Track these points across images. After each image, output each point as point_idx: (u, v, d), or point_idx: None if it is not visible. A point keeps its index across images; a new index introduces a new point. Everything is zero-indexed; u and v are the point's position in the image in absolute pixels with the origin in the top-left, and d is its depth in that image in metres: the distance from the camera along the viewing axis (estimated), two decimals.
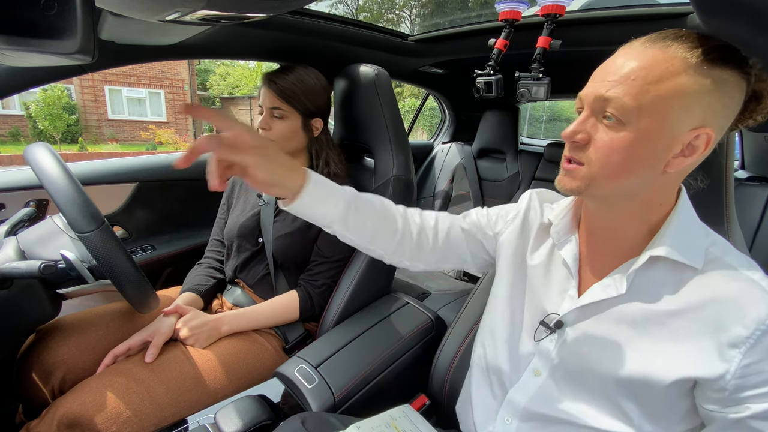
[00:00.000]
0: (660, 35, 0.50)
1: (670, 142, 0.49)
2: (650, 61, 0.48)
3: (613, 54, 0.52)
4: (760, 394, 0.47)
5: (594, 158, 0.51)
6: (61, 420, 0.74)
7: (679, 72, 0.47)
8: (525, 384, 0.64)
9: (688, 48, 0.48)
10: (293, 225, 1.07)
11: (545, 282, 0.66)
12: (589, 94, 0.52)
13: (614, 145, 0.49)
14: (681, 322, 0.51)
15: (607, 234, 0.59)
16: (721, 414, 0.49)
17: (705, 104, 0.48)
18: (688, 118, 0.48)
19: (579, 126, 0.52)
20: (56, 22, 0.39)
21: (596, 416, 0.56)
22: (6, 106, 11.52)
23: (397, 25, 18.15)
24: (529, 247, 0.69)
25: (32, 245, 0.80)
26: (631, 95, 0.48)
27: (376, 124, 1.14)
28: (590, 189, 0.53)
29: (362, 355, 0.92)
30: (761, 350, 0.47)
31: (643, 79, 0.47)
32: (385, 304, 1.10)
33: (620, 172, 0.50)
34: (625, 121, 0.49)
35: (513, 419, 0.65)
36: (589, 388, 0.57)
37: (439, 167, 2.28)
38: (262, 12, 0.66)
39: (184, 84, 13.29)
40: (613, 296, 0.56)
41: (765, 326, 0.47)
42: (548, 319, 0.63)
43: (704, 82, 0.47)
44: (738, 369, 0.47)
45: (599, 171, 0.51)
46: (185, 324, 0.94)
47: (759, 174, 1.67)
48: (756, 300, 0.48)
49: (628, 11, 1.06)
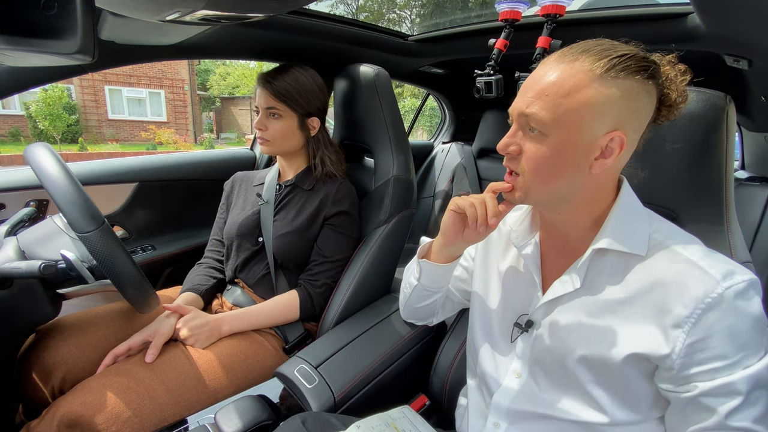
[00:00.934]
0: (571, 50, 0.55)
1: (588, 147, 0.53)
2: (560, 76, 0.52)
3: (534, 71, 0.57)
4: (705, 371, 0.49)
5: (526, 168, 0.56)
6: (61, 420, 0.74)
7: (586, 85, 0.51)
8: (507, 386, 0.66)
9: (593, 61, 0.52)
10: (293, 224, 1.07)
11: (515, 285, 0.69)
12: (515, 110, 0.57)
13: (540, 154, 0.54)
14: (631, 309, 0.55)
15: (559, 233, 0.64)
16: (674, 394, 0.52)
17: (613, 112, 0.52)
18: (600, 125, 0.52)
19: (510, 139, 0.58)
20: (56, 22, 0.39)
21: (574, 408, 0.59)
22: (6, 106, 11.52)
23: (397, 25, 18.15)
24: (499, 255, 0.74)
25: (32, 245, 0.80)
26: (546, 110, 0.52)
27: (376, 124, 1.14)
28: (529, 197, 0.58)
29: (362, 355, 0.92)
30: (703, 328, 0.49)
31: (555, 94, 0.52)
32: (385, 304, 1.10)
33: (550, 178, 0.55)
34: (546, 132, 0.53)
35: (501, 422, 0.67)
36: (564, 381, 0.60)
37: (439, 167, 2.28)
38: (262, 12, 0.67)
39: (184, 84, 13.29)
40: (570, 291, 0.60)
41: (704, 305, 0.49)
42: (520, 320, 0.66)
43: (609, 92, 0.51)
44: (682, 348, 0.49)
45: (532, 178, 0.56)
46: (185, 324, 0.94)
47: (759, 174, 1.67)
48: (695, 280, 0.50)
49: (628, 11, 1.06)
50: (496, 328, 0.71)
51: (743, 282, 0.49)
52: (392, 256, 1.15)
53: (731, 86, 1.15)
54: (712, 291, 0.49)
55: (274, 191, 1.12)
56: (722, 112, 0.64)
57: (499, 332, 0.70)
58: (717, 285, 0.49)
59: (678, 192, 0.70)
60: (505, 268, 0.72)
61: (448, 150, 2.27)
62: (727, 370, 0.48)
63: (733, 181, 0.67)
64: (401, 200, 1.14)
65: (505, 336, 0.68)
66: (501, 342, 0.69)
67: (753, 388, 0.48)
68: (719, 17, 0.80)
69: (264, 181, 1.17)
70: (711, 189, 0.67)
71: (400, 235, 1.15)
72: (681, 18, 0.94)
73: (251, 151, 1.67)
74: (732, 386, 0.48)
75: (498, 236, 0.76)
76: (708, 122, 0.65)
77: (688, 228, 0.60)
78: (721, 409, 0.48)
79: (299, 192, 1.12)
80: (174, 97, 13.27)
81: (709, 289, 0.49)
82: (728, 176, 0.66)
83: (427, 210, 2.23)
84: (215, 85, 18.60)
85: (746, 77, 1.10)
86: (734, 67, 1.00)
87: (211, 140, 12.86)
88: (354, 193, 1.12)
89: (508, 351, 0.68)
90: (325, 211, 1.08)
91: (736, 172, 1.78)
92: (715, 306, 0.48)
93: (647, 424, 0.56)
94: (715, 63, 0.99)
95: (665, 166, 0.69)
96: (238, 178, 1.24)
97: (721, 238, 0.66)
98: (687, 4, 0.94)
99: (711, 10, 0.78)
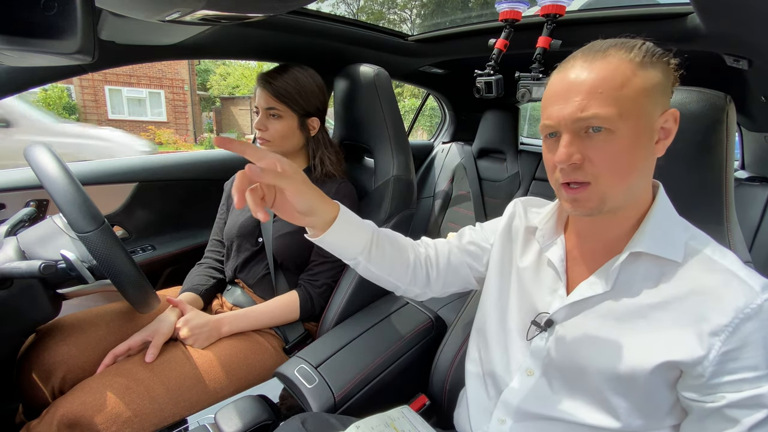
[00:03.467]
0: (593, 48, 0.55)
1: (651, 131, 0.54)
2: (604, 72, 0.52)
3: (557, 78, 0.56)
4: (735, 381, 0.48)
5: (598, 171, 0.53)
6: (61, 420, 0.74)
7: (634, 73, 0.52)
8: (518, 384, 0.65)
9: (627, 51, 0.53)
10: (293, 225, 1.07)
11: (536, 283, 0.68)
12: (566, 117, 0.53)
13: (616, 150, 0.52)
14: (664, 314, 0.53)
15: (595, 235, 0.62)
16: (698, 403, 0.51)
17: (662, 92, 0.54)
18: (656, 108, 0.53)
19: (569, 148, 0.53)
20: (56, 22, 0.39)
21: (587, 412, 0.58)
22: None
23: (398, 25, 18.15)
24: (518, 251, 0.72)
25: (32, 245, 0.80)
26: (608, 105, 0.51)
27: (376, 124, 1.14)
28: (607, 202, 0.54)
29: (362, 355, 0.92)
30: (740, 338, 0.48)
31: (609, 88, 0.51)
32: (385, 304, 1.10)
33: (628, 173, 0.54)
34: (613, 128, 0.52)
35: (507, 419, 0.66)
36: (580, 384, 0.59)
37: (439, 167, 2.28)
38: (262, 12, 0.67)
39: (184, 84, 13.28)
40: (599, 293, 0.58)
41: (743, 314, 0.48)
42: (539, 318, 0.64)
43: (654, 74, 0.52)
44: (717, 356, 0.49)
45: (609, 179, 0.53)
46: (185, 324, 0.94)
47: (759, 174, 1.67)
48: (734, 289, 0.50)
49: (628, 11, 1.06)
50: (511, 322, 0.69)
51: None
52: None
53: (731, 86, 1.15)
54: (752, 302, 0.49)
55: None
56: (722, 112, 0.64)
57: (515, 328, 0.68)
58: (757, 296, 0.49)
59: (678, 192, 0.70)
60: (525, 264, 0.70)
61: (448, 150, 2.27)
62: (757, 382, 0.48)
63: (733, 181, 0.67)
64: (401, 200, 1.14)
65: (521, 332, 0.67)
66: (515, 338, 0.67)
67: None
68: (719, 17, 0.80)
69: None
70: (711, 189, 0.67)
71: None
72: (681, 18, 0.94)
73: None
74: (760, 399, 0.47)
75: (520, 230, 0.73)
76: (708, 122, 0.65)
77: None
78: (746, 421, 0.48)
79: None
80: (174, 97, 13.26)
81: (749, 299, 0.49)
82: (728, 176, 0.66)
83: (427, 210, 2.22)
84: (215, 85, 18.59)
85: (746, 77, 1.10)
86: (734, 67, 1.00)
87: (211, 140, 12.86)
88: (354, 193, 1.12)
89: (522, 348, 0.66)
90: None
91: (736, 172, 1.78)
92: (754, 316, 0.48)
93: None
94: (715, 63, 0.99)
95: (665, 165, 0.69)
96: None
97: (721, 238, 0.66)
98: (687, 4, 0.94)
99: (711, 10, 0.78)
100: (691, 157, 0.67)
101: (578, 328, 0.59)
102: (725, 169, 0.66)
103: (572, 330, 0.60)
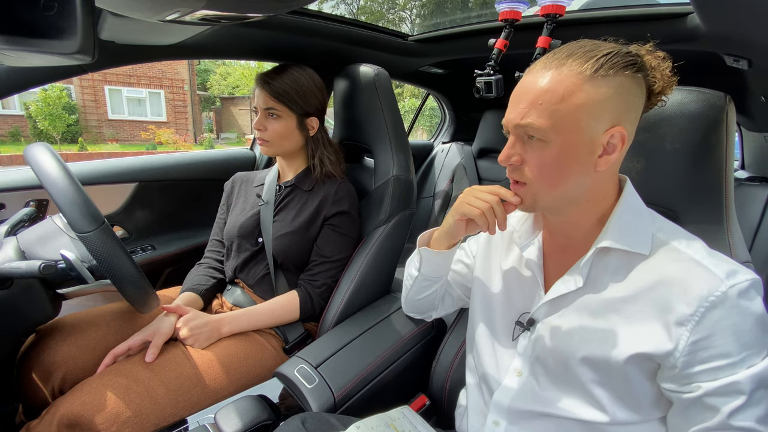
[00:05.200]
0: (555, 55, 0.56)
1: (591, 146, 0.54)
2: (551, 83, 0.53)
3: (521, 80, 0.58)
4: (708, 369, 0.49)
5: (531, 176, 0.57)
6: (61, 420, 0.74)
7: (578, 87, 0.52)
8: (508, 385, 0.66)
9: (581, 63, 0.53)
10: (293, 225, 1.07)
11: (518, 283, 0.70)
12: (509, 122, 0.57)
13: (544, 160, 0.55)
14: (634, 307, 0.55)
15: (563, 234, 0.65)
16: (677, 394, 0.52)
17: (610, 109, 0.53)
18: (599, 124, 0.53)
19: (510, 150, 0.58)
20: (56, 22, 0.39)
21: (575, 407, 0.59)
22: (6, 106, 11.51)
23: (398, 25, 18.15)
24: (501, 255, 0.74)
25: (32, 245, 0.80)
26: (543, 117, 0.53)
27: (376, 124, 1.14)
28: (538, 203, 0.59)
29: (362, 355, 0.92)
30: (706, 327, 0.49)
31: (548, 101, 0.53)
32: (385, 304, 1.10)
33: (557, 182, 0.56)
34: (546, 139, 0.54)
35: (501, 420, 0.67)
36: (564, 379, 0.60)
37: (439, 167, 2.28)
38: (262, 12, 0.67)
39: (184, 84, 13.28)
40: (573, 290, 0.60)
41: (708, 303, 0.49)
42: (522, 318, 0.67)
43: (602, 91, 0.52)
44: (686, 346, 0.49)
45: (539, 184, 0.57)
46: (185, 324, 0.94)
47: (759, 174, 1.67)
48: (699, 278, 0.51)
49: (628, 11, 1.06)
50: (497, 326, 0.71)
51: (746, 281, 0.49)
52: (392, 256, 1.15)
53: (731, 86, 1.15)
54: (715, 289, 0.49)
55: (273, 192, 1.13)
56: (722, 112, 0.64)
57: (501, 330, 0.70)
58: (721, 283, 0.49)
59: (678, 192, 0.70)
60: (507, 267, 0.72)
61: (448, 150, 2.27)
62: (731, 369, 0.48)
63: (733, 181, 0.67)
64: (401, 200, 1.14)
65: (507, 334, 0.69)
66: (503, 340, 0.69)
67: (756, 388, 0.47)
68: (719, 17, 0.80)
69: (264, 182, 1.17)
70: (711, 189, 0.67)
71: (400, 235, 1.15)
72: (681, 18, 0.94)
73: (251, 152, 1.67)
74: (736, 386, 0.48)
75: (500, 235, 0.76)
76: (708, 122, 0.65)
77: (688, 228, 0.60)
78: (725, 409, 0.48)
79: (299, 193, 1.12)
80: (174, 97, 13.26)
81: (713, 287, 0.49)
82: (728, 176, 0.66)
83: (427, 210, 2.23)
84: (215, 85, 18.60)
85: (746, 77, 1.10)
86: (734, 67, 1.00)
87: (211, 140, 12.86)
88: (354, 193, 1.12)
89: (509, 349, 0.68)
90: (325, 212, 1.08)
91: (736, 172, 1.78)
92: (719, 304, 0.48)
93: (648, 425, 0.56)
94: (715, 63, 0.99)
95: (665, 166, 0.69)
96: (238, 178, 1.24)
97: (721, 238, 0.66)
98: (687, 4, 0.94)
99: (711, 10, 0.78)
100: (690, 157, 0.67)
101: (557, 324, 0.61)
102: (725, 169, 0.66)
103: (551, 326, 0.62)
